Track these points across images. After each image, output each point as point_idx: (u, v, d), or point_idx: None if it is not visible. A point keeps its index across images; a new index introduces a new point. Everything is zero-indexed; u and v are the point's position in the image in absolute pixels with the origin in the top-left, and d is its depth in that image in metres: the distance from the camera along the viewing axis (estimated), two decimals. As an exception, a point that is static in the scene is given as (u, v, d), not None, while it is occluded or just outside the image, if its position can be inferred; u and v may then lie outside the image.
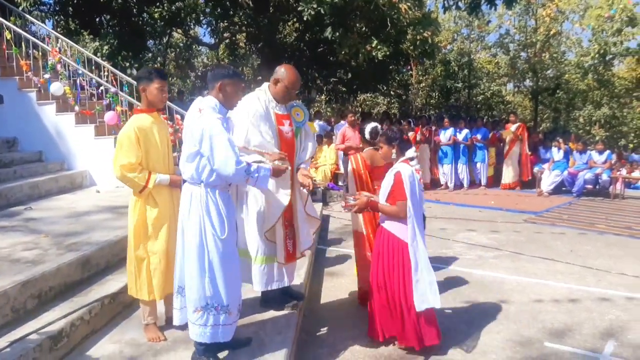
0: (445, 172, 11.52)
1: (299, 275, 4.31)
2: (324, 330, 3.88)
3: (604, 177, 10.46)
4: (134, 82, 8.22)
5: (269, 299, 3.66)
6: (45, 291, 3.27)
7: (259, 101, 3.40)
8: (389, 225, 3.40)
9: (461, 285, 4.98)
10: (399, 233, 3.34)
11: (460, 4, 12.39)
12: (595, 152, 10.99)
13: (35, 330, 2.85)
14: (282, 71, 3.44)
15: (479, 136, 11.48)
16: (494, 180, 11.76)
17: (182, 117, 7.88)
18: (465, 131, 11.46)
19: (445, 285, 4.97)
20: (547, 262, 5.83)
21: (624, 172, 11.28)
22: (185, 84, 22.58)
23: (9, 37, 7.64)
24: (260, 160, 3.10)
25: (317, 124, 11.42)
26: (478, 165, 11.65)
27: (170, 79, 21.14)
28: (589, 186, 10.55)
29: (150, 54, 15.10)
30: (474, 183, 11.77)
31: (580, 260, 5.83)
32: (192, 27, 16.33)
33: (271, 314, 3.59)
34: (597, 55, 18.69)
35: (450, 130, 11.42)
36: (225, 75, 2.85)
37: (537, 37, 20.54)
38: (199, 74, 21.41)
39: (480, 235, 7.12)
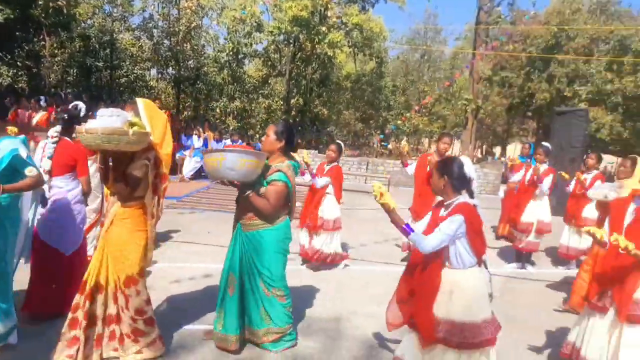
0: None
1: None
2: None
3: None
4: None
5: None
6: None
7: None
8: None
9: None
10: None
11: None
12: (230, 141, 12.24)
13: None
14: None
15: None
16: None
17: None
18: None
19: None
20: (188, 245, 6.11)
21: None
22: None
23: None
24: None
25: None
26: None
27: None
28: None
29: None
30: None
31: (215, 240, 6.34)
32: None
33: None
34: (231, 53, 20.83)
35: (89, 112, 10.57)
36: None
37: (180, 27, 21.28)
38: None
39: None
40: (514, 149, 32.72)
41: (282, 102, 23.16)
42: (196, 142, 11.76)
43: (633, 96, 20.16)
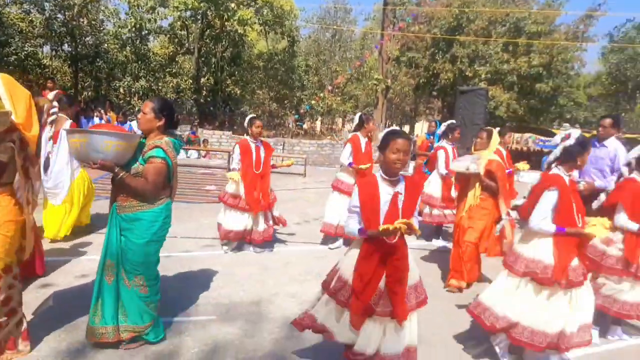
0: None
1: None
2: None
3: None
4: None
5: None
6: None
7: None
8: None
9: None
10: None
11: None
12: (136, 123, 11.59)
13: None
14: None
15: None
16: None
17: None
18: None
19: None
20: (96, 235, 5.73)
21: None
22: None
23: None
24: None
25: None
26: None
27: None
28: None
29: None
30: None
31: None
32: None
33: None
34: (133, 29, 19.59)
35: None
36: None
37: (74, 1, 19.64)
38: None
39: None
40: (421, 127, 34.28)
41: (191, 81, 22.30)
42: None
43: (526, 75, 21.75)
